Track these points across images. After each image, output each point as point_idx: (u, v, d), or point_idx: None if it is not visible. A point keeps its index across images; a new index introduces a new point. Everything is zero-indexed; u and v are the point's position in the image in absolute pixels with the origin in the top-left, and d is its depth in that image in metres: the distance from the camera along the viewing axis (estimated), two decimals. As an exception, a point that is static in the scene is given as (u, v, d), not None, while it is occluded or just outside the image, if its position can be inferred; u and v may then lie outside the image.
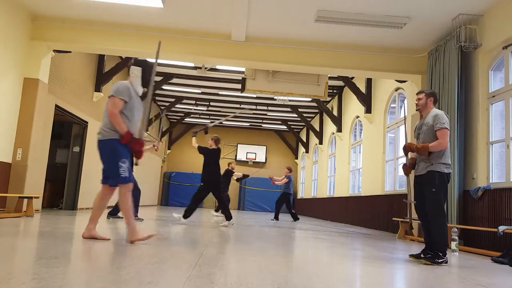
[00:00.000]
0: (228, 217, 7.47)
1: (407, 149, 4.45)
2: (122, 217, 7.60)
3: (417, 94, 4.53)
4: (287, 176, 12.13)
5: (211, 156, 7.54)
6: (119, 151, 3.86)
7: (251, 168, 20.67)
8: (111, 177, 3.88)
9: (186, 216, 7.27)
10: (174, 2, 6.81)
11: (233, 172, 11.81)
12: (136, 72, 4.07)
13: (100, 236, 4.03)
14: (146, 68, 4.13)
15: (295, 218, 11.99)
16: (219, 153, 7.69)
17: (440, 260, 3.98)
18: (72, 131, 10.46)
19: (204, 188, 7.47)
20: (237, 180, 12.18)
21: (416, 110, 4.53)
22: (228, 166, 11.86)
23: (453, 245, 5.27)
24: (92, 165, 10.90)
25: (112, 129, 3.89)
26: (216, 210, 11.62)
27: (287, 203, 12.16)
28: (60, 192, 10.51)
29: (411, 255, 4.32)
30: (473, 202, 6.17)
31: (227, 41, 7.93)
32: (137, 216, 7.58)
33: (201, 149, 7.54)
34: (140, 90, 4.14)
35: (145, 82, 4.12)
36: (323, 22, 6.98)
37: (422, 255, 4.16)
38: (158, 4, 6.79)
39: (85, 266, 2.66)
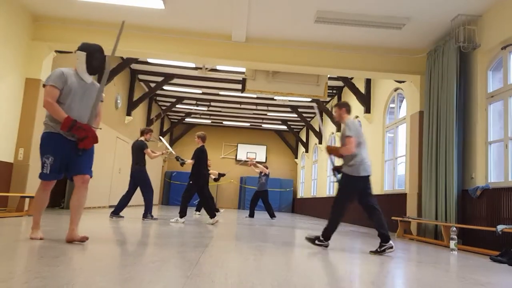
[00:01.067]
0: (212, 215, 7.57)
1: (327, 150, 5.02)
2: (123, 216, 7.67)
3: (333, 107, 5.13)
4: (267, 172, 11.90)
5: (200, 155, 7.64)
6: (46, 145, 3.69)
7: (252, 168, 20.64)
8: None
9: (182, 215, 7.42)
10: (175, 3, 6.85)
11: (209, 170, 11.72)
12: (80, 57, 3.77)
13: (80, 237, 3.69)
14: (92, 52, 3.78)
15: (251, 216, 11.82)
16: (206, 151, 7.77)
17: (318, 243, 4.70)
18: (73, 131, 10.49)
19: (193, 186, 7.58)
20: (214, 180, 12.00)
21: (337, 121, 4.94)
22: None
23: (452, 244, 5.31)
24: (94, 165, 10.92)
25: (50, 122, 3.67)
26: (198, 210, 11.50)
27: (261, 199, 11.94)
28: (61, 191, 10.54)
29: (371, 251, 4.66)
30: (472, 202, 6.20)
31: (227, 42, 7.96)
32: (152, 216, 7.73)
33: (194, 157, 7.65)
34: (88, 78, 3.82)
35: (91, 69, 3.79)
36: (323, 23, 7.00)
37: (378, 249, 4.55)
38: (159, 5, 6.83)
39: (86, 265, 2.69)
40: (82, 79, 3.80)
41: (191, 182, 7.55)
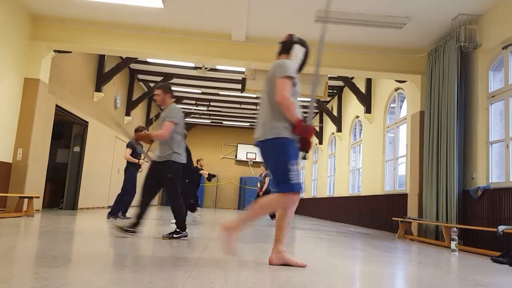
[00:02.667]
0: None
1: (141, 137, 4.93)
2: (122, 218, 7.62)
3: (155, 89, 4.85)
4: (267, 173, 11.78)
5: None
6: (289, 150, 3.04)
7: (253, 168, 20.65)
8: (279, 184, 3.05)
9: None
10: (174, 2, 6.83)
11: (201, 170, 11.62)
12: (299, 52, 3.36)
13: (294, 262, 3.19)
14: (308, 50, 3.43)
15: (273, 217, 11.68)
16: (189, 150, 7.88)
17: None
18: (73, 131, 10.49)
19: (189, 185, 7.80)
20: (207, 179, 11.93)
21: (157, 105, 4.83)
22: (197, 163, 11.60)
23: (453, 244, 5.29)
24: (93, 165, 10.91)
25: (280, 125, 3.09)
26: (191, 210, 11.44)
27: None
28: (60, 192, 10.52)
29: (164, 236, 4.64)
30: (473, 202, 6.18)
31: (227, 41, 7.94)
32: (123, 216, 7.72)
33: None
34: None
35: (301, 67, 3.41)
36: (323, 22, 6.97)
37: (174, 235, 4.58)
38: (158, 5, 6.80)
39: (85, 266, 2.67)
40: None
41: (187, 181, 7.57)
